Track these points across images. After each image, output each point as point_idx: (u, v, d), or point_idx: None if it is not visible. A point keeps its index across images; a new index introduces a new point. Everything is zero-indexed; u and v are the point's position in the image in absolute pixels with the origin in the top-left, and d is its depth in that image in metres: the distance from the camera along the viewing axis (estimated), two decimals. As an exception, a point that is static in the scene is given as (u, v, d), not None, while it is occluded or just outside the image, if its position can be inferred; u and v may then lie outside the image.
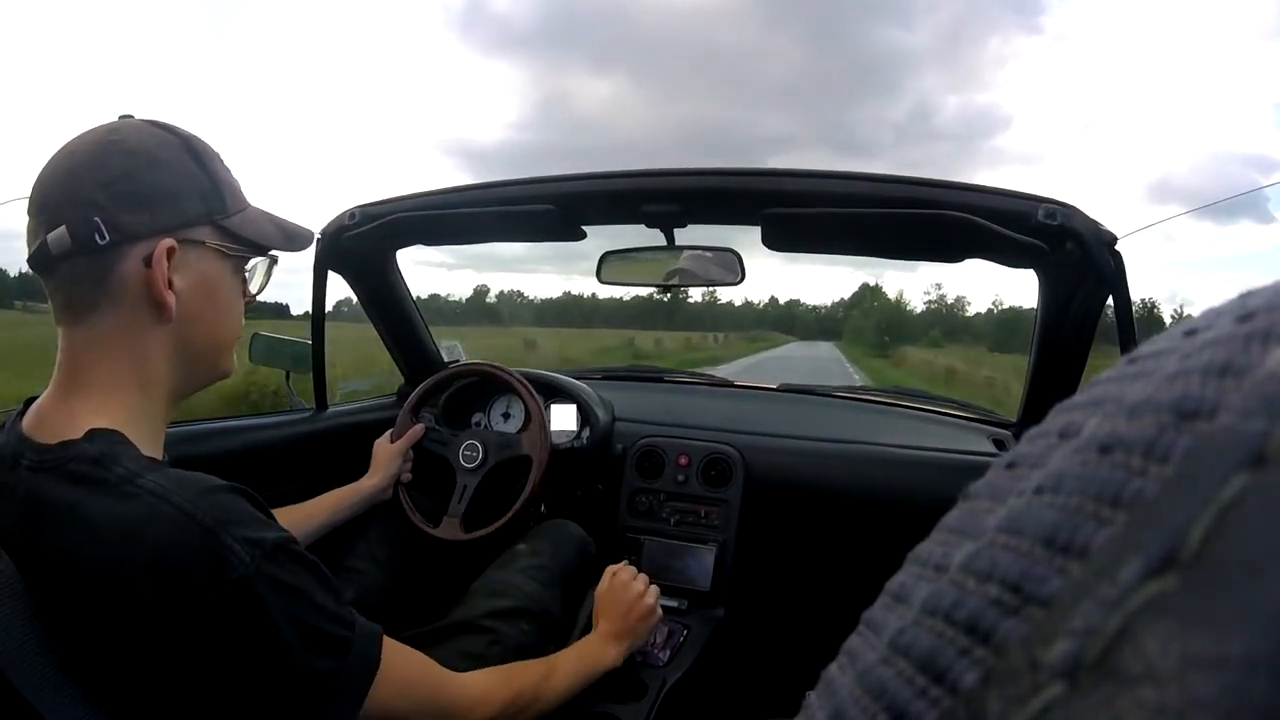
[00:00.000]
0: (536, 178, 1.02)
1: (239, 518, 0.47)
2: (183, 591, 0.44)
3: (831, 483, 1.19)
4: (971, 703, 0.11)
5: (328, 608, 0.50)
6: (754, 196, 0.91)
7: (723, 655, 1.15)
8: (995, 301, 55.48)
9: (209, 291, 0.56)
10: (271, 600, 0.45)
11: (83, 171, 0.51)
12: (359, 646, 0.51)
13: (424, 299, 1.33)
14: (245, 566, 0.45)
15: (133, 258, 0.51)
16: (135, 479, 0.47)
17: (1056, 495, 0.12)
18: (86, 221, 0.49)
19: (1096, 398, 0.13)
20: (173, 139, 0.54)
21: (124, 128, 0.54)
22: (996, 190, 0.86)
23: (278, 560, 0.47)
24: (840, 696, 0.14)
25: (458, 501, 1.10)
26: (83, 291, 0.51)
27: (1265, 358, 0.10)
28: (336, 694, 0.49)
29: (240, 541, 0.45)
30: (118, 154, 0.51)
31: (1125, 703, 0.08)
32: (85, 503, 0.46)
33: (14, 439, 0.51)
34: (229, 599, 0.44)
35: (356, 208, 1.08)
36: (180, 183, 0.53)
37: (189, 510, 0.45)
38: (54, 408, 0.52)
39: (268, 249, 0.61)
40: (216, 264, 0.56)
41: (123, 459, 0.48)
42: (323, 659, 0.48)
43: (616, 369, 1.74)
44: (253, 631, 0.45)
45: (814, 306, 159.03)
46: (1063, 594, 0.10)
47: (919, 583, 0.14)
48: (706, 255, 1.13)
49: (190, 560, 0.44)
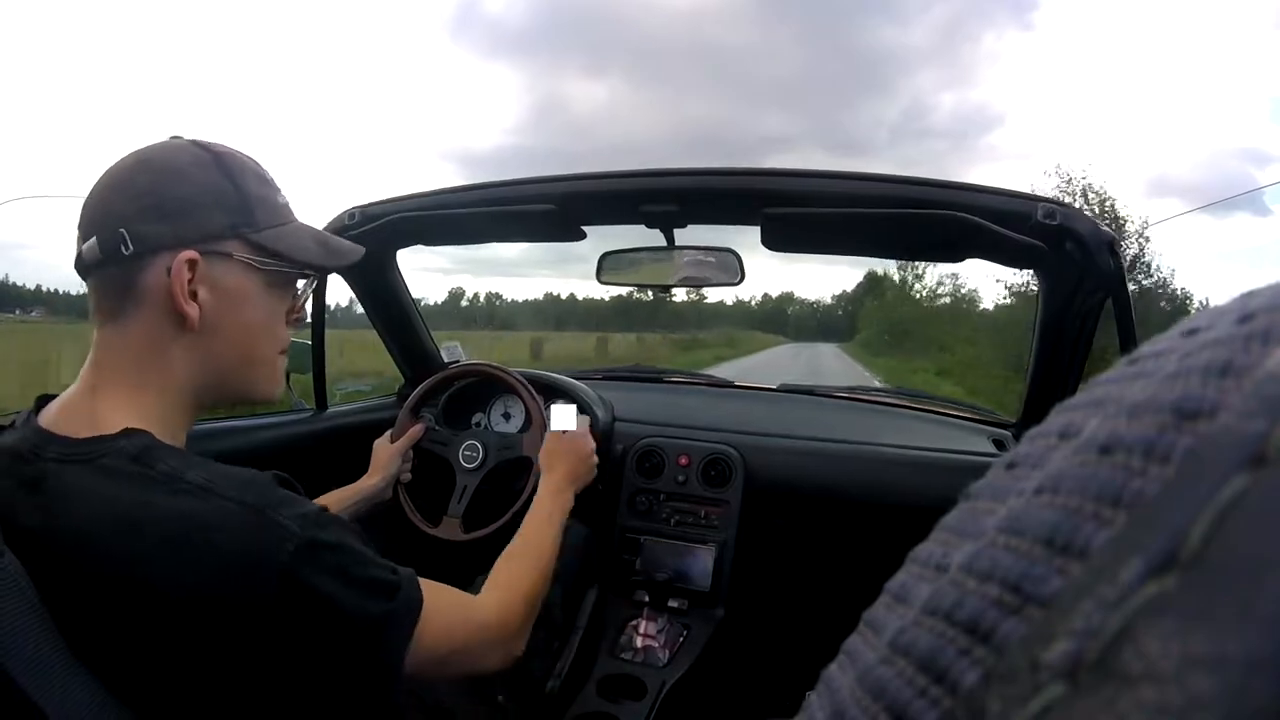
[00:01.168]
0: (536, 178, 1.02)
1: (279, 498, 0.50)
2: (248, 573, 0.46)
3: (831, 483, 1.19)
4: (972, 703, 0.11)
5: (371, 558, 0.53)
6: (753, 196, 0.91)
7: (723, 655, 1.14)
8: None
9: (235, 304, 0.57)
10: (324, 560, 0.49)
11: (115, 187, 0.54)
12: (405, 589, 0.53)
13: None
14: (297, 537, 0.48)
15: (156, 268, 0.53)
16: (180, 474, 0.49)
17: (1056, 495, 0.12)
18: (114, 233, 0.52)
19: (1097, 398, 0.13)
20: (205, 156, 0.56)
21: (162, 147, 0.56)
22: (996, 190, 0.86)
23: (321, 524, 0.50)
24: (840, 696, 0.14)
25: (457, 501, 1.10)
26: (112, 297, 0.54)
27: (1265, 358, 0.10)
28: (390, 635, 0.51)
29: (287, 517, 0.49)
30: (147, 171, 0.54)
31: (1125, 703, 0.08)
32: (125, 497, 0.48)
33: (31, 434, 0.52)
34: (288, 570, 0.47)
35: (356, 208, 1.08)
36: (205, 196, 0.55)
37: (238, 498, 0.48)
38: (80, 404, 0.54)
39: (303, 264, 0.61)
40: (245, 277, 0.57)
41: (164, 457, 0.50)
42: (374, 601, 0.51)
43: (617, 369, 1.74)
44: (313, 594, 0.48)
45: (812, 302, 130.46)
46: (1063, 594, 0.10)
47: (919, 583, 0.14)
48: (706, 255, 1.13)
49: (250, 543, 0.47)
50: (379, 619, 0.51)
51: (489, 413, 1.29)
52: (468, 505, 1.10)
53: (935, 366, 20.93)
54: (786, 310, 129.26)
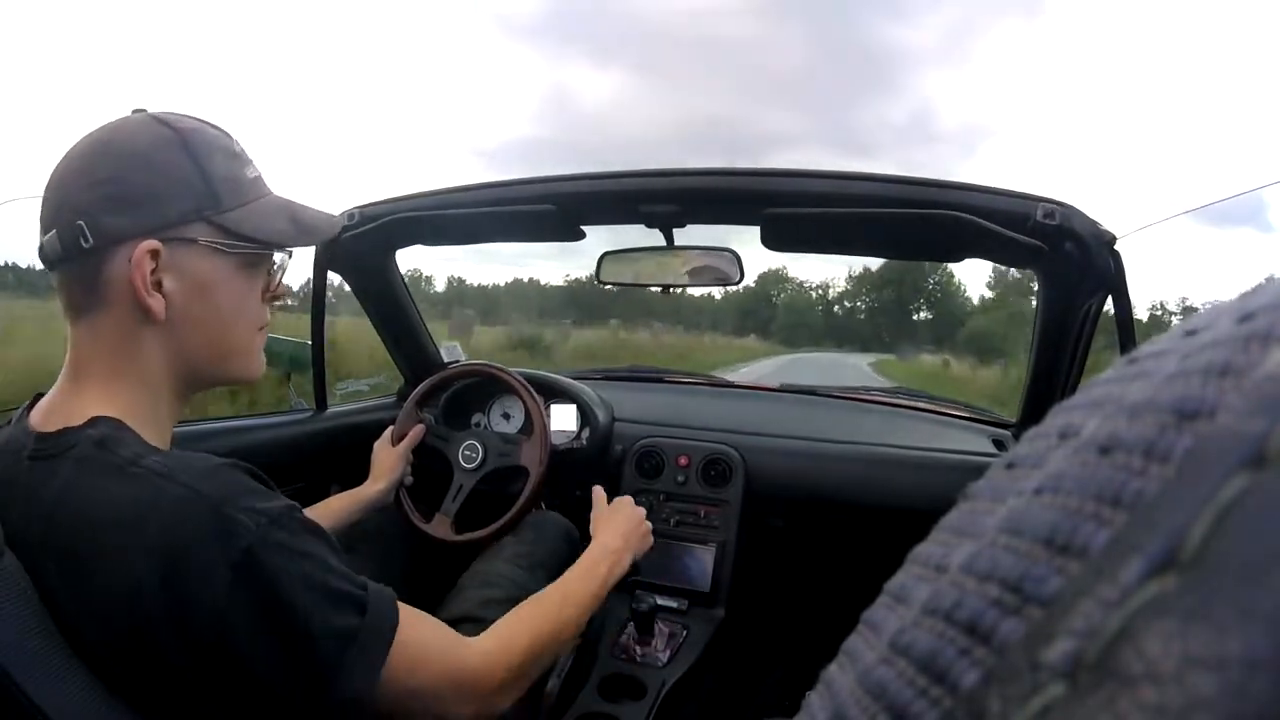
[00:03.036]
0: (536, 178, 1.02)
1: (243, 490, 0.47)
2: (194, 567, 0.44)
3: (831, 483, 1.19)
4: (972, 703, 0.11)
5: (339, 569, 0.49)
6: (754, 196, 0.91)
7: (723, 655, 1.14)
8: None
9: (203, 291, 0.54)
10: (281, 564, 0.45)
11: (74, 176, 0.51)
12: (376, 606, 0.50)
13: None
14: (252, 534, 0.45)
15: (119, 260, 0.51)
16: (139, 460, 0.47)
17: (1056, 495, 0.12)
18: (72, 226, 0.50)
19: (1096, 398, 0.13)
20: (169, 134, 0.52)
21: (122, 127, 0.53)
22: (996, 190, 0.85)
23: (284, 525, 0.47)
24: (840, 696, 0.14)
25: (451, 500, 1.10)
26: (78, 293, 0.52)
27: (1265, 358, 0.10)
28: (358, 655, 0.47)
29: (245, 511, 0.45)
30: (106, 156, 0.51)
31: (1125, 703, 0.08)
32: (86, 485, 0.46)
33: (20, 433, 0.52)
34: (240, 569, 0.44)
35: (356, 208, 1.08)
36: (167, 182, 0.52)
37: (194, 487, 0.45)
38: (60, 400, 0.53)
39: (273, 244, 0.58)
40: (212, 261, 0.54)
41: (126, 443, 0.48)
42: (341, 615, 0.47)
43: (617, 370, 1.74)
44: (267, 598, 0.45)
45: (814, 287, 78.51)
46: (1063, 594, 0.10)
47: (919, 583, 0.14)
48: (705, 255, 1.13)
49: (199, 535, 0.44)
50: (344, 635, 0.47)
51: (488, 413, 1.29)
52: (461, 504, 1.10)
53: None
54: (772, 297, 76.15)
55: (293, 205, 0.60)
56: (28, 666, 0.43)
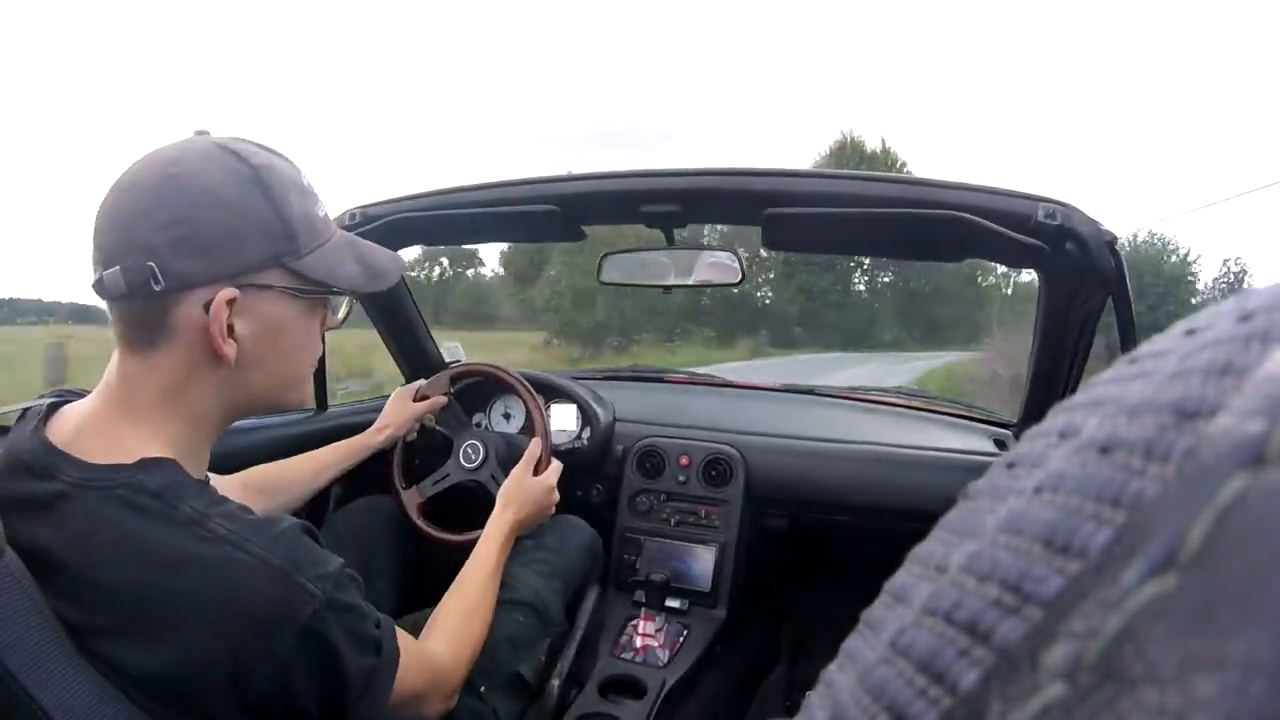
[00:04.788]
0: (537, 178, 1.02)
1: (308, 559, 0.49)
2: (264, 631, 0.46)
3: (832, 483, 1.19)
4: (972, 703, 0.11)
5: (369, 613, 0.53)
6: (754, 197, 0.91)
7: (723, 655, 1.15)
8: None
9: (274, 335, 0.53)
10: (335, 622, 0.49)
11: (140, 211, 0.48)
12: (387, 642, 0.54)
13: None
14: (318, 601, 0.48)
15: (191, 304, 0.49)
16: (205, 521, 0.47)
17: (1056, 495, 0.11)
18: (141, 268, 0.47)
19: (1096, 398, 0.13)
20: (242, 170, 0.50)
21: (188, 157, 0.50)
22: (996, 190, 0.86)
23: (341, 586, 0.50)
24: (840, 697, 0.14)
25: (432, 483, 1.10)
26: (139, 329, 0.50)
27: (1265, 358, 0.10)
28: (377, 688, 0.52)
29: (313, 580, 0.48)
30: (177, 193, 0.48)
31: (1126, 704, 0.08)
32: (146, 534, 0.46)
33: (40, 448, 0.49)
34: (307, 631, 0.47)
35: (357, 208, 1.08)
36: (244, 224, 0.49)
37: (264, 558, 0.47)
38: (99, 426, 0.50)
39: (345, 290, 0.58)
40: (284, 306, 0.53)
41: (186, 495, 0.48)
42: (366, 657, 0.51)
43: (617, 370, 1.74)
44: (322, 652, 0.48)
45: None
46: (1063, 594, 0.10)
47: (919, 583, 0.14)
48: (705, 255, 1.13)
49: (270, 603, 0.47)
50: (368, 673, 0.51)
51: (489, 413, 1.30)
52: (440, 493, 1.10)
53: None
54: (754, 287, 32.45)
55: (357, 244, 0.60)
56: (29, 664, 0.43)
